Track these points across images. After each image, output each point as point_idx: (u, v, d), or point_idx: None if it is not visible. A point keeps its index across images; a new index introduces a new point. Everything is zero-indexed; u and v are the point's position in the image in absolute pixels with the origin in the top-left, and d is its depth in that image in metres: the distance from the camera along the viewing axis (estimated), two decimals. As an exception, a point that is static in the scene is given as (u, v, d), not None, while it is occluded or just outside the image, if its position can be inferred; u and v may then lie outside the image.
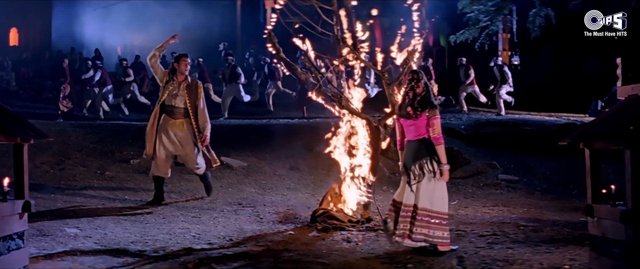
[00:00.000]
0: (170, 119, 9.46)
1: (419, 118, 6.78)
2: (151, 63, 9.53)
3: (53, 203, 9.49)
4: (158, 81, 9.62)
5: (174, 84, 9.45)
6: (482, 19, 15.66)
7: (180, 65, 9.48)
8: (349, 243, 7.34)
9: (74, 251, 6.69)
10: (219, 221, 8.45)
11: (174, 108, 9.46)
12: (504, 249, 6.95)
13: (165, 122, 9.44)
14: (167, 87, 9.42)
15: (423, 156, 6.76)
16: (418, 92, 6.84)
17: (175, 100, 9.44)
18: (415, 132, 6.85)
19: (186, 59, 9.56)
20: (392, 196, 7.27)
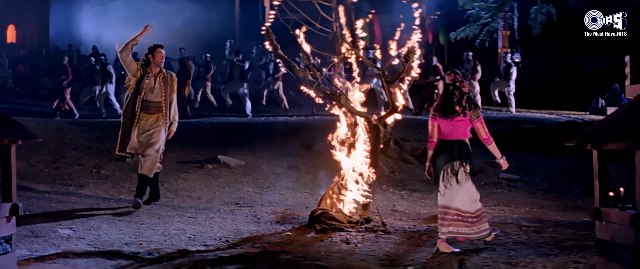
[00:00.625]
0: (146, 114, 8.90)
1: (465, 118, 6.77)
2: (123, 56, 8.91)
3: (47, 202, 9.34)
4: (130, 76, 8.97)
5: (149, 77, 8.87)
6: (483, 16, 15.51)
7: (155, 57, 8.91)
8: (348, 244, 7.19)
9: (66, 253, 6.56)
10: (215, 222, 8.30)
11: (150, 103, 8.89)
12: (506, 251, 6.83)
13: (139, 119, 8.88)
14: (144, 80, 8.85)
15: (462, 157, 6.78)
16: (465, 92, 6.82)
17: (152, 94, 8.89)
18: (457, 133, 6.82)
19: (161, 50, 9.01)
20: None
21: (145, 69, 8.91)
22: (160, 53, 8.97)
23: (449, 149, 6.81)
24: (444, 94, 6.83)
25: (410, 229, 7.95)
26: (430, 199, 10.47)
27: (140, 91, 8.84)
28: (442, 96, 6.85)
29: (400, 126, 10.67)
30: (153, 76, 8.90)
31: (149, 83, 8.86)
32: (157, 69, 8.96)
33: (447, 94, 6.81)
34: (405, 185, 11.49)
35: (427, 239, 7.40)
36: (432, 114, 6.88)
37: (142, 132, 8.86)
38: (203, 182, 10.94)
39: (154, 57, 8.92)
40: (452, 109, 6.75)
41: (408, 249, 6.98)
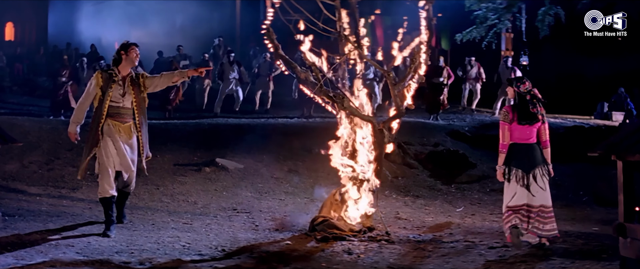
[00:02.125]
0: (118, 123, 7.48)
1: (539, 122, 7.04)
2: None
3: (38, 206, 9.02)
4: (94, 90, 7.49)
5: (117, 80, 7.50)
6: (490, 17, 15.23)
7: (129, 54, 7.54)
8: (350, 254, 6.86)
9: (53, 261, 6.23)
10: (211, 229, 7.97)
11: (121, 109, 7.50)
12: (516, 263, 6.48)
13: (111, 129, 7.45)
14: (110, 85, 7.42)
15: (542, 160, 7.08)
16: (539, 97, 7.06)
17: (123, 99, 7.50)
18: (533, 137, 7.05)
19: (136, 48, 7.65)
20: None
21: (110, 71, 7.56)
22: (135, 51, 7.63)
23: (528, 153, 7.05)
24: (521, 102, 7.01)
25: (415, 239, 7.61)
26: (434, 206, 10.17)
27: (107, 96, 7.44)
28: (520, 104, 7.01)
29: (403, 130, 10.38)
30: (121, 78, 7.52)
31: (117, 88, 7.48)
32: (126, 70, 7.59)
33: (524, 103, 7.00)
34: (409, 191, 11.17)
35: (433, 250, 7.07)
36: (505, 120, 7.04)
37: (118, 144, 7.49)
38: (200, 186, 10.61)
39: (127, 54, 7.56)
40: (533, 116, 6.98)
41: (413, 261, 6.64)
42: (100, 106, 7.46)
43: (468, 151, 13.44)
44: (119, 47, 7.66)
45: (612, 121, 19.08)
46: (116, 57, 7.63)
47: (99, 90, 7.46)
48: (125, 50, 7.58)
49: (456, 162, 12.52)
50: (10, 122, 13.67)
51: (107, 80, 7.49)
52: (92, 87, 7.51)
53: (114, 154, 7.49)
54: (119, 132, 7.49)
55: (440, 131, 15.46)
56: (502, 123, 7.10)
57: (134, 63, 7.68)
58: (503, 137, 7.07)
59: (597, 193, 10.79)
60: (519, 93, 7.03)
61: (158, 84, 7.77)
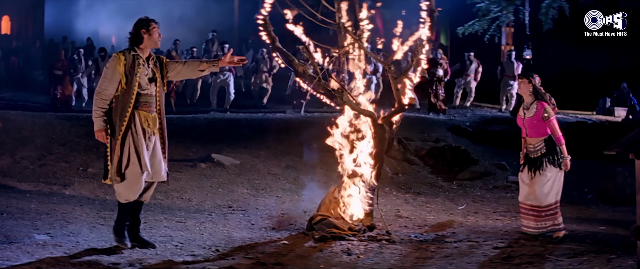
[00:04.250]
0: (146, 113, 6.46)
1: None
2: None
3: (27, 203, 8.75)
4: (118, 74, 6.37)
5: (141, 62, 6.44)
6: (492, 10, 14.95)
7: (151, 33, 6.46)
8: (350, 255, 6.61)
9: (40, 262, 5.99)
10: (205, 227, 7.71)
11: (149, 97, 6.48)
12: (523, 264, 6.25)
13: (139, 120, 6.41)
14: (135, 69, 6.36)
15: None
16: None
17: (150, 86, 6.47)
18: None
19: (157, 25, 6.56)
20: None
21: (133, 53, 6.44)
22: (157, 29, 6.53)
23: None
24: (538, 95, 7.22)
25: (416, 238, 7.36)
26: (436, 203, 9.93)
27: (134, 81, 6.36)
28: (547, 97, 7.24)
29: (404, 125, 10.13)
30: (144, 60, 6.48)
31: (142, 71, 6.43)
32: (147, 51, 6.54)
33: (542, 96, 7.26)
34: (410, 188, 10.93)
35: (436, 250, 6.82)
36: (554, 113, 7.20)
37: (148, 138, 6.48)
38: (195, 183, 10.35)
39: (150, 33, 6.46)
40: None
41: (415, 262, 6.39)
42: (126, 93, 6.33)
43: (470, 146, 13.21)
44: (138, 25, 6.48)
45: (615, 117, 18.90)
46: (135, 37, 6.46)
47: (123, 74, 6.34)
48: (147, 28, 6.44)
49: (458, 159, 12.28)
50: (4, 116, 13.43)
51: (131, 63, 6.38)
52: (112, 71, 6.32)
53: (146, 152, 6.40)
54: (148, 125, 6.46)
55: (441, 126, 15.24)
56: (553, 118, 7.17)
57: (157, 44, 6.60)
58: (558, 130, 7.19)
59: (602, 191, 10.55)
60: (535, 86, 7.18)
61: (180, 71, 6.74)
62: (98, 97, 6.35)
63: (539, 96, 7.19)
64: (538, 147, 7.19)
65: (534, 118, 7.16)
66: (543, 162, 7.15)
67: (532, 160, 7.24)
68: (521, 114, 7.31)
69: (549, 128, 7.14)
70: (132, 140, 6.34)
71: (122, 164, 6.32)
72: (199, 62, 6.77)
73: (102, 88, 6.35)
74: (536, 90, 7.19)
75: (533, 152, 7.23)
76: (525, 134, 7.30)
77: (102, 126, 6.32)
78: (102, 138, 6.34)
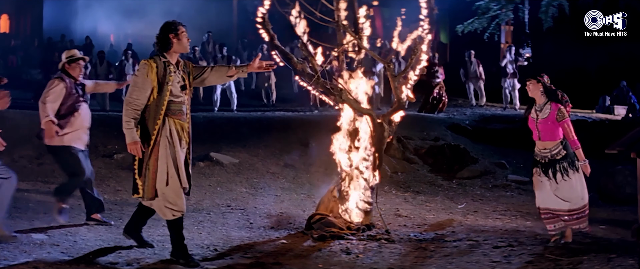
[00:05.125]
0: (179, 121, 6.16)
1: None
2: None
3: (25, 203, 8.73)
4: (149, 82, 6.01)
5: (173, 69, 6.13)
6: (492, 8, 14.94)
7: (181, 39, 6.13)
8: (349, 254, 6.57)
9: (37, 262, 5.95)
10: (204, 226, 7.68)
11: (182, 105, 6.18)
12: (523, 264, 6.21)
13: (174, 130, 6.12)
14: (167, 76, 6.04)
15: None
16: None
17: (182, 93, 6.17)
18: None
19: (185, 28, 6.24)
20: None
21: (163, 59, 6.11)
22: (185, 33, 6.21)
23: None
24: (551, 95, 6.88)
25: (416, 238, 7.32)
26: (435, 202, 9.90)
27: (166, 90, 6.04)
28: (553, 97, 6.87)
29: (403, 123, 10.07)
30: (174, 66, 6.16)
31: (174, 79, 6.10)
32: (176, 57, 6.22)
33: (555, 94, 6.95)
34: (409, 186, 10.89)
35: (436, 250, 6.78)
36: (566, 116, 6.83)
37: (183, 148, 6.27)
38: (193, 182, 10.09)
39: (179, 38, 6.14)
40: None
41: (415, 262, 6.35)
42: (158, 103, 6.00)
43: (469, 145, 13.17)
44: (166, 29, 6.12)
45: (615, 115, 18.87)
46: (163, 42, 6.13)
47: (156, 83, 6.02)
48: (175, 33, 6.11)
49: (457, 157, 12.24)
50: (2, 115, 13.35)
51: (163, 70, 6.07)
52: (143, 80, 5.97)
53: (180, 160, 6.14)
54: (182, 134, 6.16)
55: (441, 124, 15.21)
56: (567, 120, 6.80)
57: (186, 49, 6.31)
58: (573, 133, 6.80)
59: (602, 190, 10.50)
60: (546, 85, 6.85)
61: (208, 78, 6.43)
62: (129, 108, 5.96)
63: (551, 96, 6.82)
64: (555, 150, 6.83)
65: (548, 120, 6.77)
66: (565, 165, 6.81)
67: (548, 164, 6.89)
68: (533, 116, 6.91)
69: (562, 130, 6.77)
70: (168, 152, 6.04)
71: (160, 179, 6.02)
72: (227, 67, 6.53)
73: (133, 98, 5.96)
74: (547, 90, 6.83)
75: (548, 157, 6.87)
76: (538, 136, 6.91)
77: (136, 138, 5.94)
78: (136, 151, 5.94)
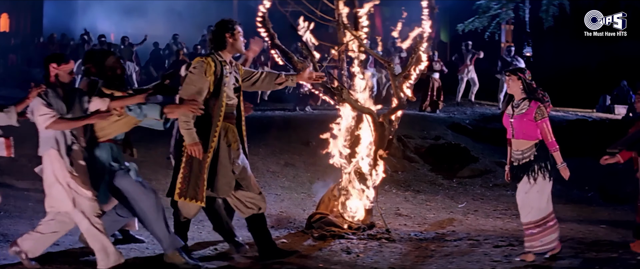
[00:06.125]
0: (232, 126, 6.04)
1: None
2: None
3: (25, 202, 8.72)
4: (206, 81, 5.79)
5: (228, 69, 5.93)
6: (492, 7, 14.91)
7: (236, 38, 5.94)
8: (349, 254, 6.57)
9: (37, 260, 5.90)
10: (203, 226, 7.66)
11: (233, 108, 6.04)
12: (523, 263, 6.19)
13: (228, 134, 5.99)
14: (223, 78, 5.83)
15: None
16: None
17: (236, 96, 6.01)
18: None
19: (241, 28, 6.06)
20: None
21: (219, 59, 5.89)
22: (241, 32, 6.00)
23: None
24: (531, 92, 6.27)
25: (416, 237, 7.33)
26: (435, 201, 9.90)
27: (222, 93, 5.83)
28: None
29: (403, 122, 10.08)
30: (230, 67, 5.96)
31: (228, 80, 5.91)
32: (229, 57, 6.02)
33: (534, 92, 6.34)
34: (409, 186, 10.89)
35: (436, 249, 6.79)
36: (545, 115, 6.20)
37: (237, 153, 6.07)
38: (194, 181, 10.28)
39: (234, 38, 5.95)
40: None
41: (415, 261, 6.36)
42: (215, 104, 5.80)
43: (470, 144, 13.17)
44: (222, 27, 5.90)
45: (615, 115, 18.86)
46: (218, 41, 5.91)
47: (212, 82, 5.79)
48: (232, 32, 5.89)
49: (458, 156, 12.25)
50: (1, 114, 13.35)
51: (220, 69, 5.83)
52: (199, 78, 5.73)
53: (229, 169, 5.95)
54: (235, 139, 6.02)
55: (441, 124, 15.21)
56: (546, 119, 6.16)
57: (242, 50, 6.10)
58: (551, 134, 6.18)
59: (602, 189, 10.50)
60: (526, 82, 6.23)
61: (257, 83, 6.28)
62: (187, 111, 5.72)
63: (531, 94, 6.23)
64: (527, 153, 6.20)
65: (524, 116, 6.17)
66: (535, 169, 6.20)
67: (519, 168, 6.28)
68: (509, 112, 6.31)
69: (539, 131, 6.15)
70: (222, 157, 5.87)
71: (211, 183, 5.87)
72: (277, 74, 6.38)
73: (187, 97, 5.74)
74: (527, 86, 6.23)
75: (520, 159, 6.24)
76: (512, 134, 6.29)
77: (197, 139, 5.69)
78: (197, 152, 5.70)
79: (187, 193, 5.84)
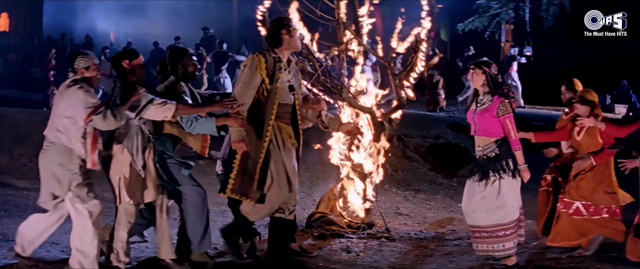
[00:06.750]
0: (285, 125, 5.87)
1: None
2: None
3: (25, 201, 8.71)
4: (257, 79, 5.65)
5: (283, 67, 5.78)
6: (493, 6, 14.88)
7: (292, 35, 5.78)
8: (349, 253, 6.57)
9: (36, 260, 6.00)
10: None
11: (288, 107, 5.86)
12: (524, 262, 6.26)
13: (280, 133, 5.85)
14: (277, 75, 5.70)
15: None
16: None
17: (290, 95, 5.84)
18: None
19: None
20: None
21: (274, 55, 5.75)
22: (296, 29, 5.92)
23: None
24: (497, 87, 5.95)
25: (416, 236, 7.33)
26: (435, 200, 9.89)
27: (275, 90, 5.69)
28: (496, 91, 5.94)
29: (403, 122, 10.08)
30: (286, 64, 5.83)
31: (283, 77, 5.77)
32: (286, 55, 5.86)
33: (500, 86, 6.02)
34: (409, 185, 10.87)
35: (436, 248, 6.79)
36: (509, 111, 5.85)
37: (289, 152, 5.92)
38: (193, 180, 10.27)
39: (290, 34, 5.79)
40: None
41: (415, 260, 6.37)
42: (267, 102, 5.66)
43: (470, 143, 13.07)
44: (277, 24, 5.77)
45: (615, 114, 18.86)
46: (274, 37, 5.74)
47: (265, 77, 5.64)
48: (288, 28, 5.74)
49: (458, 156, 12.23)
50: (1, 113, 13.38)
51: (273, 66, 5.68)
52: (250, 75, 5.60)
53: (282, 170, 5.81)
54: (288, 139, 5.87)
55: (441, 123, 15.19)
56: (510, 116, 5.84)
57: (298, 47, 5.93)
58: (515, 132, 5.87)
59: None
60: (491, 75, 5.88)
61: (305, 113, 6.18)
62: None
63: (495, 89, 5.88)
64: (487, 150, 5.93)
65: (485, 112, 5.87)
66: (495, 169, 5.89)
67: (479, 166, 6.02)
68: (473, 108, 6.01)
69: (502, 127, 5.84)
70: (274, 158, 5.75)
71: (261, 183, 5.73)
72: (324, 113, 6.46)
73: (239, 95, 5.62)
74: (492, 81, 5.88)
75: (481, 156, 5.99)
76: (474, 131, 6.02)
77: (243, 136, 5.61)
78: (243, 147, 5.63)
79: (239, 190, 5.75)
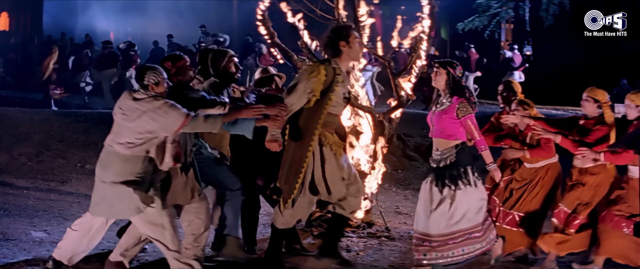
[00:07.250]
0: (330, 135, 5.70)
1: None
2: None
3: (25, 200, 8.72)
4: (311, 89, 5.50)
5: (342, 79, 5.63)
6: (493, 6, 14.86)
7: (352, 45, 5.63)
8: (349, 252, 6.58)
9: (36, 260, 6.00)
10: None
11: (336, 118, 5.79)
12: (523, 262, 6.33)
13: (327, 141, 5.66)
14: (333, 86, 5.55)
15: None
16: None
17: (342, 105, 5.82)
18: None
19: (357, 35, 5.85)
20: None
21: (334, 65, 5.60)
22: (357, 38, 5.73)
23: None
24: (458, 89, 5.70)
25: (416, 235, 7.30)
26: (435, 200, 9.86)
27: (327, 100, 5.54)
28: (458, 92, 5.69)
29: (403, 121, 10.07)
30: (344, 75, 5.67)
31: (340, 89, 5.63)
32: (346, 65, 5.74)
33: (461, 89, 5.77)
34: (409, 184, 10.87)
35: (436, 248, 6.75)
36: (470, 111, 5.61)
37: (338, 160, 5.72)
38: (193, 180, 10.27)
39: (349, 45, 5.64)
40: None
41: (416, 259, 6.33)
42: (315, 111, 5.52)
43: (468, 143, 13.15)
44: (336, 34, 5.64)
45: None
46: (333, 48, 5.60)
47: (319, 91, 5.49)
48: (346, 40, 5.58)
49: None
50: (1, 113, 13.39)
51: (332, 77, 5.53)
52: (305, 84, 5.48)
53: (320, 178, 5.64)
54: (331, 147, 5.67)
55: (441, 122, 15.16)
56: (471, 116, 5.59)
57: (358, 59, 5.91)
58: (479, 132, 5.66)
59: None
60: (453, 76, 5.64)
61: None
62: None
63: (455, 91, 5.64)
64: (446, 154, 5.67)
65: (444, 113, 5.62)
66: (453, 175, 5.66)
67: (438, 171, 5.75)
68: (433, 109, 5.78)
69: (464, 129, 5.60)
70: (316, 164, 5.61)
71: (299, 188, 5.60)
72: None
73: (291, 103, 5.43)
74: (454, 82, 5.63)
75: (439, 161, 5.71)
76: (431, 133, 5.79)
77: (279, 137, 5.47)
78: (275, 148, 5.48)
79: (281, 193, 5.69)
